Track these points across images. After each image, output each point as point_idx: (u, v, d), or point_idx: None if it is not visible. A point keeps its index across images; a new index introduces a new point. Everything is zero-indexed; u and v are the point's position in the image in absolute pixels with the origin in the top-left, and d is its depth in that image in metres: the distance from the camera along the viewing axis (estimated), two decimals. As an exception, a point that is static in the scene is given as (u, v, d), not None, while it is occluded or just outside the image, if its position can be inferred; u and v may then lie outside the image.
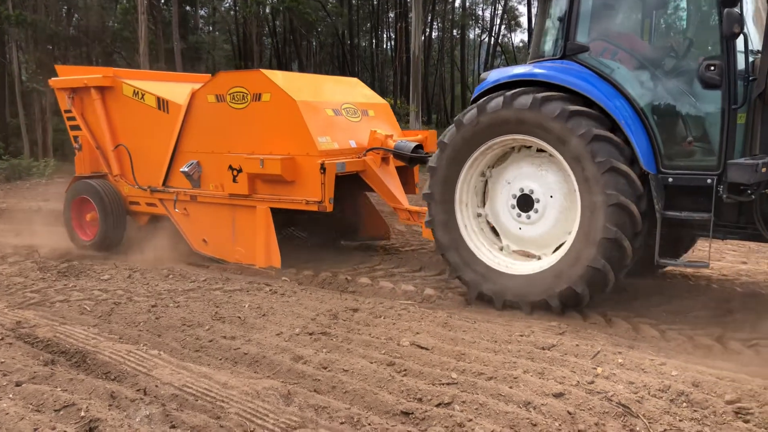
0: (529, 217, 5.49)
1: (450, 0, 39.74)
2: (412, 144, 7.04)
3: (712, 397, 3.71)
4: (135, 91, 7.96)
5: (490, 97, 5.41)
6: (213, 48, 33.82)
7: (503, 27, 43.99)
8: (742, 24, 4.63)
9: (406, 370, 4.17)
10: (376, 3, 39.10)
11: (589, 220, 4.97)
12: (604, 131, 4.92)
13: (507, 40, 46.94)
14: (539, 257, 5.47)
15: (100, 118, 8.20)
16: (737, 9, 4.62)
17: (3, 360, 4.35)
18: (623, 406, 3.61)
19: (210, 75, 8.21)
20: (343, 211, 7.93)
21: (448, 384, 3.94)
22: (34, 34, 22.60)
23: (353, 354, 4.46)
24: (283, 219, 7.44)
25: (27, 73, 24.00)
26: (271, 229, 6.95)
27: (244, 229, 7.19)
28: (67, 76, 8.53)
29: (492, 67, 40.94)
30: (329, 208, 6.61)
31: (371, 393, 3.80)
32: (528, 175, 5.52)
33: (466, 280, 5.65)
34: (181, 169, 7.47)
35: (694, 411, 3.61)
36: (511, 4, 42.96)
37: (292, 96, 6.75)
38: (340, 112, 7.33)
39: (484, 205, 5.81)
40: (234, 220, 7.27)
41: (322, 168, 6.52)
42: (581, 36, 5.37)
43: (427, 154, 6.98)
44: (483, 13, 44.53)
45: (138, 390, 3.89)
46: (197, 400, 3.76)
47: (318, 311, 5.46)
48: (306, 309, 5.54)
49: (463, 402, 3.66)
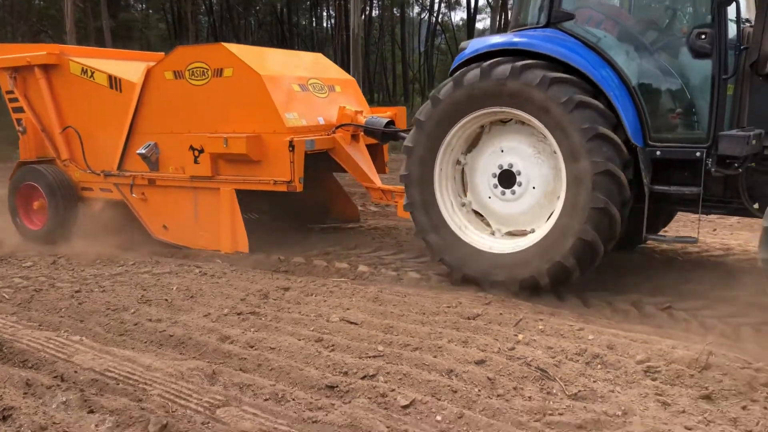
0: (513, 192, 5.27)
1: (389, -23, 39.57)
2: (384, 120, 6.74)
3: (625, 358, 3.87)
4: (83, 69, 7.40)
5: (466, 69, 5.17)
6: (146, 26, 32.74)
7: (443, 5, 44.16)
8: None
9: (333, 346, 4.19)
10: (314, -20, 38.60)
11: (575, 191, 4.78)
12: (588, 98, 4.74)
13: (447, 18, 47.19)
14: (533, 230, 5.25)
15: (45, 98, 7.64)
16: None
17: None
18: (541, 370, 3.73)
19: (164, 54, 7.63)
20: (310, 192, 7.56)
21: (375, 356, 3.99)
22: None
23: (281, 332, 4.46)
24: (246, 202, 7.08)
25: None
26: (236, 212, 6.65)
27: (208, 212, 6.85)
28: (8, 54, 7.86)
29: (432, 46, 41.09)
30: (299, 188, 6.34)
31: (297, 369, 3.81)
32: (507, 151, 5.29)
33: (448, 262, 5.43)
34: (137, 151, 7.03)
35: (608, 372, 3.76)
36: (451, -18, 43.14)
37: (256, 70, 6.42)
38: (307, 88, 7.01)
39: (466, 194, 5.57)
40: (196, 204, 6.94)
41: (291, 146, 6.23)
42: (567, 3, 5.14)
43: (399, 130, 6.79)
44: (423, -9, 44.55)
45: (55, 377, 3.79)
46: (119, 384, 3.69)
47: (248, 291, 5.41)
48: (236, 290, 5.49)
49: (388, 373, 3.71)
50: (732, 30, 4.71)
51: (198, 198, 6.91)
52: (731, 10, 4.62)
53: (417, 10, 45.42)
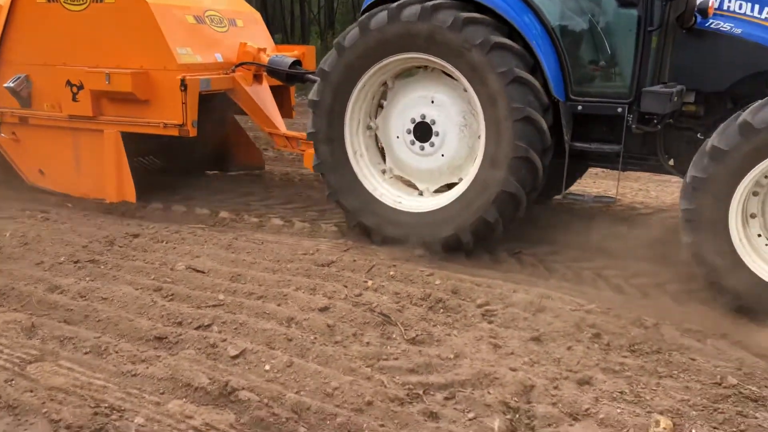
0: (423, 148, 4.90)
1: None
2: (290, 59, 6.09)
3: (466, 302, 3.93)
4: None
5: (373, 12, 4.75)
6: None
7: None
8: None
9: (173, 295, 3.98)
10: None
11: (495, 141, 4.50)
12: (505, 39, 4.44)
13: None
14: (421, 192, 5.02)
15: None
16: None
17: None
18: (384, 315, 3.71)
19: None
20: (211, 136, 6.84)
21: (214, 306, 3.82)
22: None
23: (119, 281, 4.18)
24: (139, 145, 6.38)
25: None
26: (122, 158, 5.93)
27: (90, 157, 6.10)
28: None
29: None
30: (192, 133, 5.72)
31: (127, 320, 3.58)
32: (430, 101, 4.87)
33: (366, 225, 5.03)
34: (4, 85, 6.17)
35: (448, 316, 3.80)
36: None
37: None
38: (204, 20, 6.30)
39: (376, 117, 5.16)
40: (77, 147, 6.16)
41: (183, 85, 5.60)
42: None
43: (306, 71, 6.17)
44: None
45: None
46: None
47: (93, 238, 5.05)
48: (79, 236, 5.10)
49: (224, 323, 3.57)
50: None
51: (79, 140, 6.14)
52: None
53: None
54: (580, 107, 4.60)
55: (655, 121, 4.48)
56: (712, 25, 4.40)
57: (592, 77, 4.76)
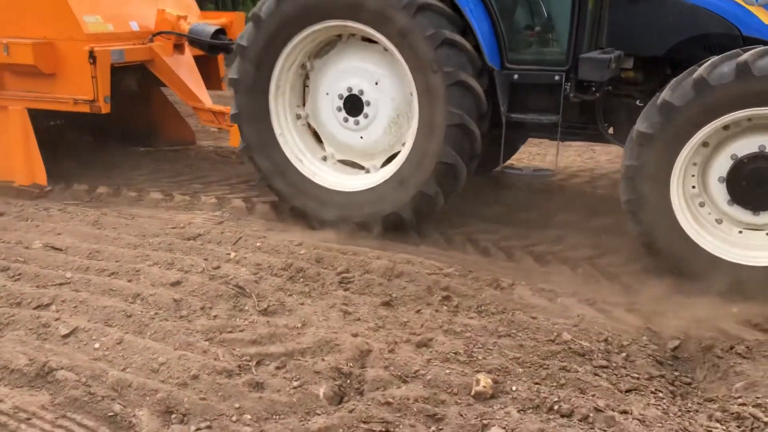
0: (357, 123, 4.61)
1: None
2: (212, 28, 5.64)
3: (328, 270, 3.89)
4: None
5: None
6: None
7: None
8: None
9: (20, 275, 3.81)
10: None
11: (428, 111, 4.27)
12: (457, 36, 4.18)
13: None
14: (367, 170, 4.75)
15: None
16: None
17: None
18: (239, 287, 3.64)
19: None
20: (137, 110, 6.56)
21: (60, 284, 3.67)
22: None
23: (-36, 262, 3.98)
24: (62, 121, 5.99)
25: None
26: (30, 136, 5.44)
27: None
28: None
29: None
30: (104, 109, 5.28)
31: (-41, 303, 3.41)
32: (355, 71, 4.60)
33: (301, 209, 4.75)
34: None
35: (306, 285, 3.76)
36: None
37: None
38: None
39: (305, 105, 4.87)
40: None
41: (92, 57, 5.15)
42: None
43: (231, 41, 5.67)
44: None
45: None
46: None
47: (-49, 219, 4.79)
48: (-64, 217, 4.83)
49: (63, 301, 3.43)
50: None
51: None
52: None
53: None
54: (516, 76, 4.38)
55: (593, 89, 4.32)
56: None
57: (528, 44, 4.59)
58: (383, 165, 4.71)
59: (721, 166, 3.78)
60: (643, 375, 2.91)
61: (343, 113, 4.66)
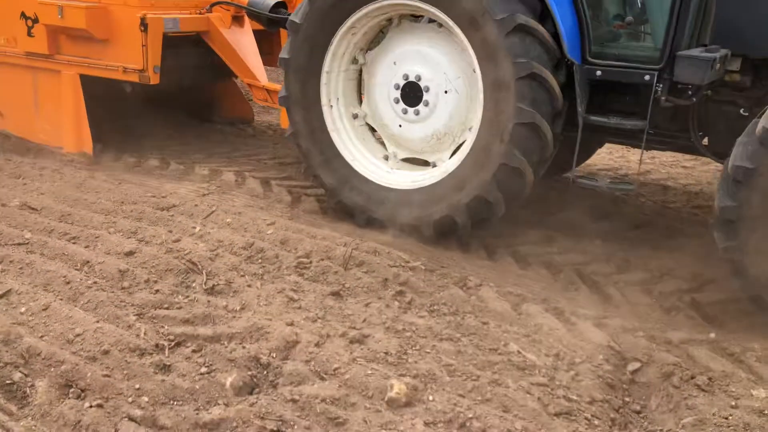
0: (417, 113, 4.14)
1: None
2: (272, 1, 5.19)
3: (288, 253, 3.74)
4: None
5: None
6: None
7: None
8: None
9: (-16, 232, 3.83)
10: None
11: (494, 106, 3.76)
12: (532, 21, 3.68)
13: None
14: (434, 164, 4.24)
15: None
16: None
17: None
18: (192, 263, 3.54)
19: None
20: (192, 83, 6.17)
21: (18, 244, 3.67)
22: None
23: (-62, 215, 4.03)
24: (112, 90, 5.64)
25: None
26: (80, 103, 5.26)
27: (48, 100, 5.45)
28: None
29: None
30: (154, 80, 5.02)
31: None
32: (410, 56, 4.15)
33: (348, 204, 4.32)
34: None
35: (262, 266, 3.63)
36: None
37: None
38: None
39: (361, 103, 4.47)
40: (36, 88, 5.53)
41: (143, 24, 4.87)
42: None
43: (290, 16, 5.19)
44: None
45: None
46: None
47: (-53, 171, 4.89)
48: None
49: (11, 262, 3.43)
50: None
51: (38, 80, 5.51)
52: None
53: None
54: (598, 72, 3.80)
55: (690, 92, 3.70)
56: None
57: (616, 36, 4.02)
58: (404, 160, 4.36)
59: None
60: (585, 398, 2.65)
61: (401, 105, 4.19)
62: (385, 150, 4.43)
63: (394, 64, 4.20)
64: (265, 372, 2.71)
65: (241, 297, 3.28)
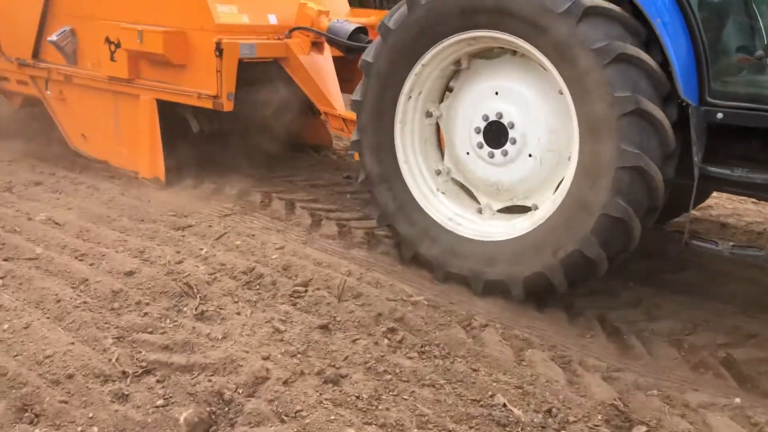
0: (505, 153, 3.68)
1: None
2: (352, 26, 4.96)
3: (287, 280, 3.62)
4: None
5: None
6: None
7: None
8: None
9: (2, 245, 3.92)
10: None
11: (592, 147, 3.25)
12: (635, 50, 3.16)
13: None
14: (535, 206, 3.72)
15: None
16: None
17: None
18: (188, 286, 3.48)
19: None
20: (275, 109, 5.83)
21: (27, 259, 3.73)
22: None
23: (-35, 227, 4.18)
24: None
25: None
26: (156, 129, 5.23)
27: (128, 124, 5.47)
28: None
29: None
30: (227, 107, 4.85)
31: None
32: (491, 96, 3.74)
33: (426, 257, 3.85)
34: (48, 39, 5.66)
35: (258, 293, 3.52)
36: None
37: None
38: None
39: (443, 158, 4.06)
40: (117, 113, 5.56)
41: (218, 49, 4.74)
42: None
43: (370, 42, 4.80)
44: None
45: None
46: None
47: (-7, 184, 5.11)
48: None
49: (14, 277, 3.49)
50: None
51: (119, 105, 5.54)
52: None
53: None
54: (720, 115, 3.23)
55: None
56: None
57: (741, 71, 3.55)
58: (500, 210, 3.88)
59: None
60: (569, 466, 2.35)
61: (486, 149, 3.76)
62: (471, 200, 3.99)
63: (472, 107, 3.81)
64: (226, 409, 2.57)
65: (227, 325, 3.17)
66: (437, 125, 4.07)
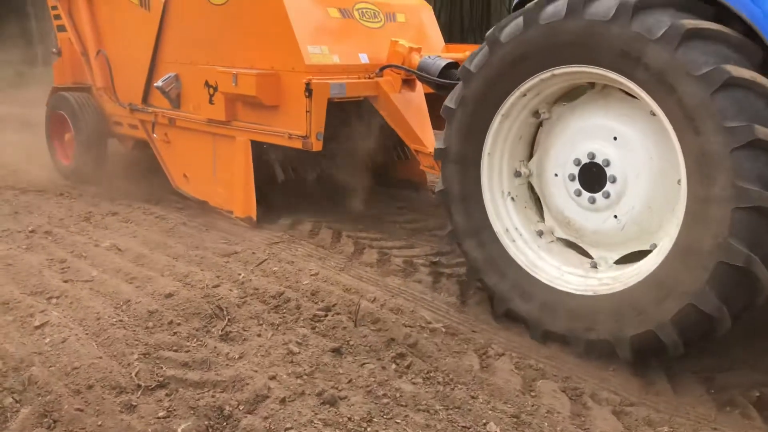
0: (593, 200, 3.46)
1: None
2: (443, 62, 4.83)
3: (312, 304, 3.73)
4: None
5: (545, 1, 3.36)
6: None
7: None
8: None
9: (67, 268, 4.30)
10: None
11: (703, 186, 2.89)
12: (749, 73, 2.83)
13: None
14: (595, 262, 3.54)
15: (83, 14, 6.70)
16: None
17: None
18: (219, 308, 3.68)
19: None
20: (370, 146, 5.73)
21: (85, 281, 4.07)
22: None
23: (40, 251, 4.61)
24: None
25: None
26: (249, 169, 5.31)
27: (225, 165, 5.60)
28: None
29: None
30: (316, 147, 4.84)
31: (-1, 284, 3.98)
32: (602, 132, 3.43)
33: (519, 313, 3.60)
34: (155, 84, 5.98)
35: (283, 316, 3.65)
36: None
37: None
38: (351, 14, 5.41)
39: (530, 160, 3.85)
40: (215, 154, 5.70)
41: (308, 89, 4.76)
42: None
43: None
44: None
45: None
46: None
47: (77, 212, 5.63)
48: (69, 210, 5.72)
49: (66, 296, 3.80)
50: None
51: (216, 146, 5.65)
52: None
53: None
54: None
55: None
56: None
57: None
58: (619, 261, 3.48)
59: None
60: (548, 498, 2.27)
61: (576, 184, 3.54)
62: (578, 255, 3.68)
63: (561, 159, 3.60)
64: (224, 423, 2.70)
65: (246, 346, 3.32)
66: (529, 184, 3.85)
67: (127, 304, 3.72)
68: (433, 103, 5.11)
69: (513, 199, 3.83)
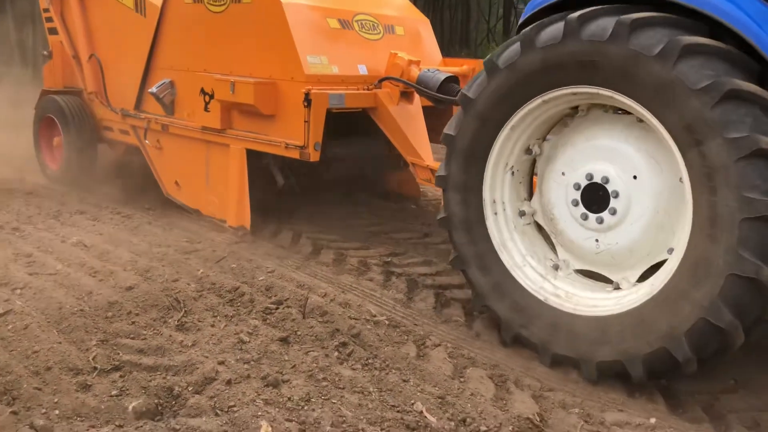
0: (601, 221, 3.42)
1: None
2: (443, 76, 4.90)
3: (265, 298, 3.95)
4: None
5: (543, 23, 3.37)
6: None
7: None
8: None
9: (33, 262, 4.48)
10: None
11: (709, 200, 2.90)
12: (747, 85, 2.87)
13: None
14: (616, 285, 3.47)
15: (75, 18, 6.71)
16: None
17: None
18: (177, 301, 3.89)
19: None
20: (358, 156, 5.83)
21: (49, 274, 4.26)
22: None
23: (7, 246, 4.79)
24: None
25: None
26: (244, 178, 5.30)
27: (218, 173, 5.59)
28: None
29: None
30: (314, 157, 4.84)
31: (-35, 277, 4.15)
32: (602, 152, 3.44)
33: (528, 338, 3.53)
34: (149, 90, 5.98)
35: (236, 309, 3.86)
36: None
37: None
38: (351, 25, 5.42)
39: (530, 198, 3.86)
40: (208, 162, 5.70)
41: (307, 99, 4.75)
42: None
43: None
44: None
45: None
46: None
47: (46, 210, 5.79)
48: (37, 207, 5.88)
49: (30, 288, 3.98)
50: None
51: (210, 154, 5.65)
52: None
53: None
54: None
55: None
56: None
57: None
58: (641, 278, 3.39)
59: None
60: (462, 468, 2.53)
61: (580, 208, 3.51)
62: (556, 257, 3.74)
63: (563, 184, 3.58)
64: (173, 402, 2.91)
65: (199, 335, 3.54)
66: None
67: (89, 295, 3.92)
68: (431, 116, 5.30)
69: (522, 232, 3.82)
